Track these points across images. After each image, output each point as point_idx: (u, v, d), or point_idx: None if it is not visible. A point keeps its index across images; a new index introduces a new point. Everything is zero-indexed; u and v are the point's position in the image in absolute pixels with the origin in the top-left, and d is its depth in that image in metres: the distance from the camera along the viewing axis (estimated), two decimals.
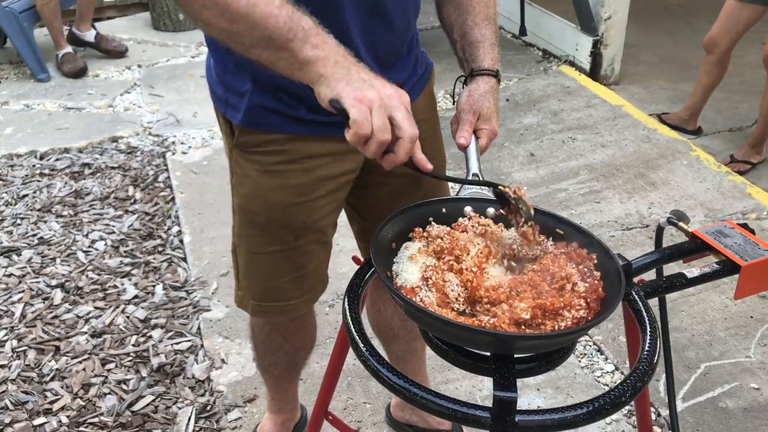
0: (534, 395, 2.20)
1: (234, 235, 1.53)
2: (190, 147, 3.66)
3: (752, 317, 2.50)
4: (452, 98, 3.96)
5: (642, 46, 4.85)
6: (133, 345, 2.41)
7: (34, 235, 2.96)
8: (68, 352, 2.37)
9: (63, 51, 4.53)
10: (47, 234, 2.96)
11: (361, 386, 2.24)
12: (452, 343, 1.06)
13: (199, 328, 2.48)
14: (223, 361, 2.34)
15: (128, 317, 2.52)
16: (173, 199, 3.21)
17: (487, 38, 1.37)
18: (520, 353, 1.03)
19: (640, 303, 1.12)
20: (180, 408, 2.18)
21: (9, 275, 2.73)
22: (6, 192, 3.26)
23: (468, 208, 1.22)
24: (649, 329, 1.08)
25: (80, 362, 2.33)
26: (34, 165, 3.49)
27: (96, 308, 2.57)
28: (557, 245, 1.15)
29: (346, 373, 2.25)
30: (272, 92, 1.30)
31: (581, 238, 1.14)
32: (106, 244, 2.90)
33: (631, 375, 0.99)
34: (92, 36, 4.74)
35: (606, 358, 2.34)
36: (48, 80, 4.42)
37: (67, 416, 2.15)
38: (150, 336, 2.44)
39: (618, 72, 4.45)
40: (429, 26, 4.22)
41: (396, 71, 1.38)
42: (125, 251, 2.86)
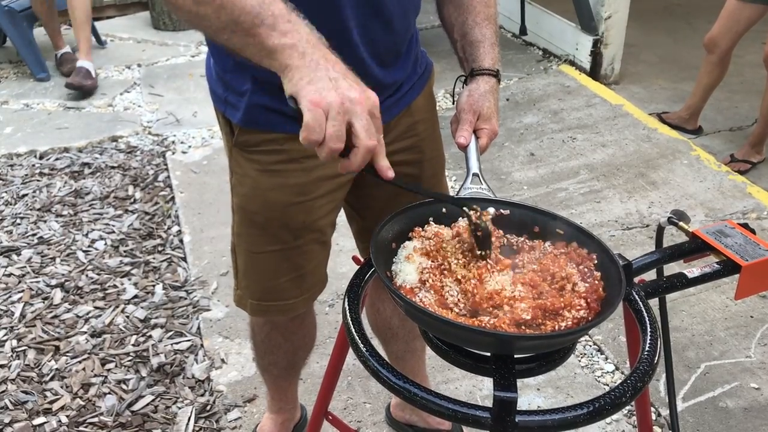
0: (534, 395, 2.20)
1: (233, 235, 1.53)
2: (190, 146, 3.65)
3: (752, 317, 2.49)
4: (452, 98, 3.96)
5: (642, 46, 4.85)
6: (133, 345, 2.40)
7: (34, 235, 2.96)
8: (68, 352, 2.37)
9: (61, 51, 4.52)
10: (47, 234, 2.96)
11: (361, 386, 2.24)
12: (452, 343, 1.06)
13: (199, 328, 2.48)
14: (223, 361, 2.34)
15: (128, 317, 2.52)
16: (173, 199, 3.21)
17: (488, 38, 1.37)
18: (521, 353, 1.03)
19: (641, 303, 1.12)
20: (180, 408, 2.17)
21: (9, 275, 2.72)
22: (6, 191, 3.26)
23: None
24: (650, 329, 1.07)
25: (80, 362, 2.33)
26: (34, 164, 3.49)
27: (96, 308, 2.56)
28: (557, 245, 1.15)
29: (346, 373, 2.25)
30: (272, 91, 1.30)
31: (581, 238, 1.14)
32: (106, 244, 2.90)
33: (632, 375, 0.99)
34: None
35: (606, 358, 2.34)
36: (48, 80, 4.42)
37: (67, 416, 2.15)
38: (150, 336, 2.44)
39: (618, 71, 4.45)
40: (429, 26, 4.22)
41: (395, 70, 1.38)
42: (125, 251, 2.86)
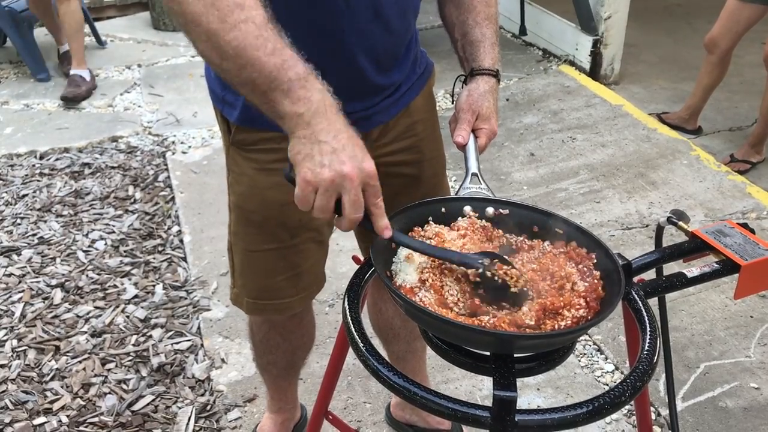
0: (534, 395, 2.20)
1: (230, 233, 1.54)
2: (190, 147, 3.66)
3: (752, 317, 2.49)
4: (452, 98, 3.96)
5: (642, 46, 4.85)
6: (133, 345, 2.41)
7: (34, 235, 2.96)
8: (68, 352, 2.37)
9: (64, 47, 4.48)
10: (47, 234, 2.96)
11: (361, 386, 2.24)
12: (452, 343, 1.06)
13: (199, 328, 2.48)
14: (223, 361, 2.34)
15: (128, 317, 2.52)
16: (173, 199, 3.21)
17: (488, 38, 1.37)
18: (520, 353, 1.03)
19: (640, 302, 1.12)
20: (180, 408, 2.18)
21: (9, 275, 2.73)
22: (6, 192, 3.26)
23: (467, 208, 1.22)
24: (649, 329, 1.07)
25: (80, 362, 2.33)
26: (34, 165, 3.49)
27: (96, 308, 2.57)
28: (556, 244, 1.15)
29: (346, 373, 2.25)
30: None
31: (581, 238, 1.14)
32: (106, 244, 2.90)
33: (631, 374, 0.99)
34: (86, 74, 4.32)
35: (606, 358, 2.34)
36: (48, 80, 4.42)
37: (67, 416, 2.15)
38: (150, 336, 2.44)
39: (618, 72, 4.45)
40: (429, 26, 4.22)
41: (394, 72, 1.38)
42: (125, 251, 2.86)
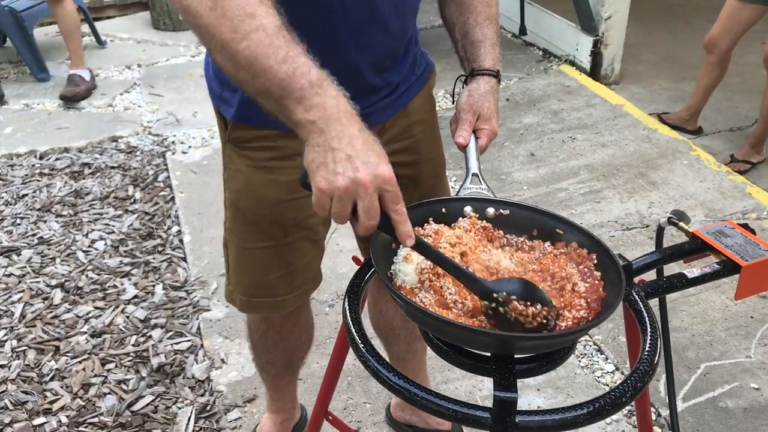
0: (534, 395, 2.20)
1: (225, 230, 1.54)
2: (190, 147, 3.65)
3: (752, 317, 2.49)
4: (452, 98, 3.96)
5: (642, 46, 4.85)
6: (133, 345, 2.40)
7: (34, 235, 2.96)
8: (68, 352, 2.37)
9: (76, 71, 4.25)
10: (47, 234, 2.96)
11: (361, 386, 2.24)
12: (452, 344, 1.06)
13: (199, 328, 2.48)
14: (223, 361, 2.34)
15: (128, 317, 2.52)
16: (173, 199, 3.21)
17: (489, 38, 1.37)
18: (521, 353, 1.03)
19: (641, 303, 1.12)
20: (180, 408, 2.17)
21: (9, 275, 2.72)
22: (6, 192, 3.26)
23: (468, 208, 1.22)
24: (650, 329, 1.07)
25: (80, 362, 2.33)
26: (34, 165, 3.49)
27: (96, 308, 2.56)
28: (557, 245, 1.15)
29: (346, 373, 2.25)
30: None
31: (581, 238, 1.14)
32: (106, 244, 2.90)
33: (632, 375, 0.99)
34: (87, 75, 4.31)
35: (606, 358, 2.33)
36: (48, 80, 4.42)
37: (67, 416, 2.15)
38: (150, 336, 2.44)
39: (618, 71, 4.45)
40: (429, 25, 4.22)
41: (392, 73, 1.38)
42: (125, 251, 2.86)
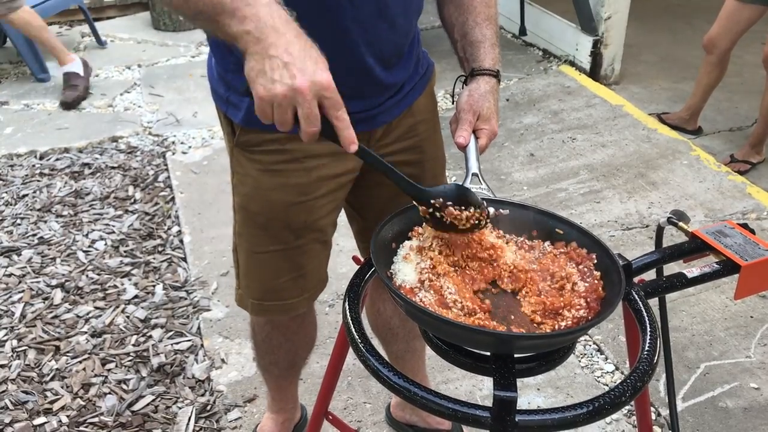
0: (534, 395, 2.20)
1: (235, 234, 1.53)
2: (190, 147, 3.66)
3: (752, 317, 2.50)
4: (452, 98, 3.95)
5: (642, 46, 4.85)
6: (133, 345, 2.41)
7: (34, 235, 2.96)
8: (68, 352, 2.37)
9: (67, 67, 4.15)
10: (47, 234, 2.96)
11: (361, 386, 2.24)
12: (452, 343, 1.06)
13: (199, 328, 2.48)
14: (223, 361, 2.34)
15: (128, 317, 2.52)
16: (173, 199, 3.21)
17: (488, 38, 1.37)
18: (520, 353, 1.03)
19: (640, 303, 1.12)
20: (180, 408, 2.18)
21: (9, 275, 2.73)
22: (6, 192, 3.26)
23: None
24: (649, 329, 1.08)
25: (80, 362, 2.33)
26: (34, 165, 3.49)
27: (96, 308, 2.57)
28: (557, 245, 1.16)
29: (346, 373, 2.25)
30: None
31: (581, 238, 1.14)
32: (106, 244, 2.90)
33: (631, 375, 0.99)
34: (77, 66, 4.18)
35: (606, 358, 2.34)
36: (48, 80, 4.42)
37: (67, 416, 2.15)
38: (150, 336, 2.44)
39: (618, 72, 4.45)
40: (429, 26, 4.22)
41: (397, 71, 1.39)
42: (125, 251, 2.86)
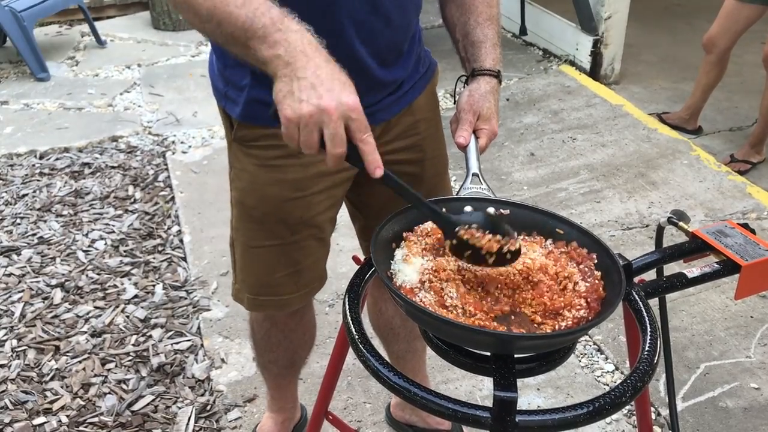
0: (534, 395, 2.20)
1: (232, 229, 1.54)
2: (190, 146, 3.66)
3: (752, 317, 2.49)
4: (453, 98, 3.95)
5: (642, 46, 4.85)
6: (133, 345, 2.40)
7: (34, 235, 2.96)
8: (68, 352, 2.37)
9: None
10: (47, 233, 2.96)
11: (361, 386, 2.24)
12: (452, 343, 1.06)
13: (199, 328, 2.48)
14: (223, 361, 2.34)
15: (128, 317, 2.52)
16: (173, 199, 3.21)
17: (489, 38, 1.37)
18: (521, 353, 1.03)
19: (641, 303, 1.12)
20: (180, 408, 2.17)
21: (9, 275, 2.72)
22: (6, 191, 3.26)
23: (468, 208, 1.22)
24: (650, 329, 1.07)
25: (80, 362, 2.33)
26: (34, 164, 3.49)
27: (96, 308, 2.56)
28: (557, 244, 1.15)
29: (346, 373, 2.25)
30: (270, 86, 1.30)
31: (582, 238, 1.14)
32: (106, 244, 2.90)
33: (632, 375, 0.99)
34: None
35: (606, 358, 2.34)
36: (48, 79, 4.42)
37: (67, 416, 2.15)
38: (150, 336, 2.44)
39: (618, 71, 4.45)
40: (429, 25, 4.22)
41: (397, 69, 1.39)
42: (125, 251, 2.86)
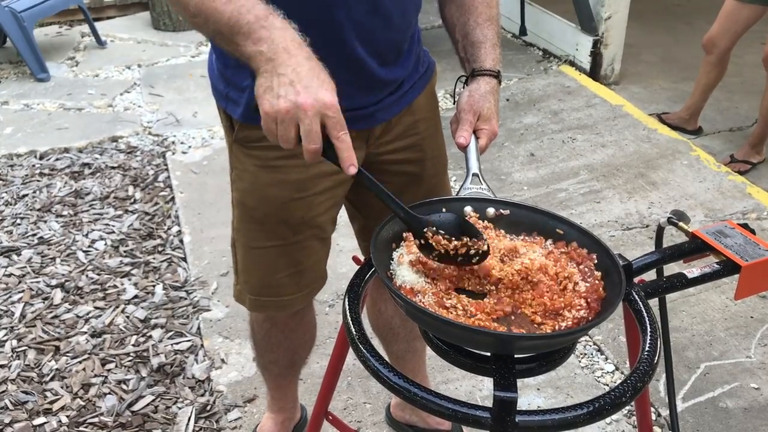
0: (534, 395, 2.20)
1: (233, 230, 1.54)
2: (190, 147, 3.66)
3: (752, 317, 2.49)
4: (453, 98, 3.95)
5: (642, 46, 4.85)
6: (133, 345, 2.40)
7: (34, 235, 2.96)
8: (68, 352, 2.37)
9: None
10: (47, 234, 2.96)
11: (361, 386, 2.24)
12: (452, 344, 1.06)
13: (199, 328, 2.48)
14: (223, 361, 2.34)
15: (128, 317, 2.52)
16: (173, 199, 3.21)
17: (489, 39, 1.37)
18: (521, 353, 1.03)
19: (641, 303, 1.12)
20: (180, 408, 2.17)
21: (9, 275, 2.72)
22: (6, 192, 3.26)
23: (468, 208, 1.22)
24: (650, 329, 1.07)
25: (80, 362, 2.33)
26: (34, 165, 3.49)
27: (96, 308, 2.56)
28: (557, 245, 1.15)
29: (346, 373, 2.25)
30: None
31: (582, 238, 1.14)
32: (106, 244, 2.90)
33: (632, 375, 0.99)
34: None
35: (606, 358, 2.34)
36: (48, 80, 4.42)
37: (67, 416, 2.15)
38: (150, 336, 2.44)
39: (618, 72, 4.45)
40: (429, 26, 4.22)
41: (396, 69, 1.39)
42: (125, 251, 2.86)
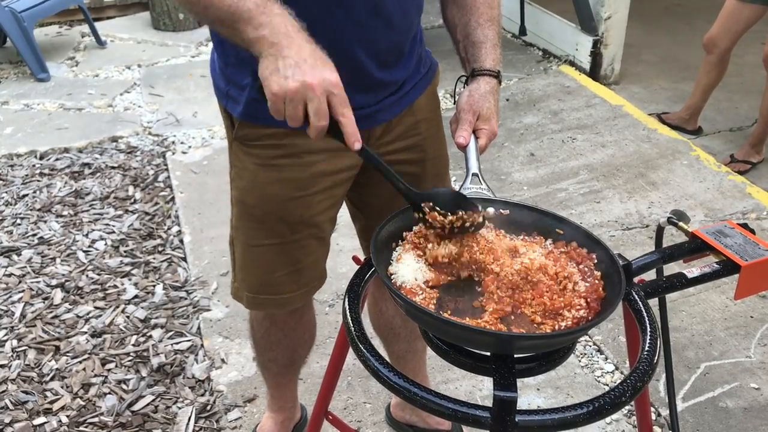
0: (534, 395, 2.20)
1: (232, 228, 1.54)
2: (190, 147, 3.66)
3: (752, 317, 2.50)
4: (453, 98, 3.95)
5: (642, 46, 4.85)
6: (133, 345, 2.41)
7: (34, 235, 2.96)
8: (68, 352, 2.37)
9: None
10: (47, 234, 2.96)
11: (361, 386, 2.24)
12: (452, 343, 1.06)
13: (199, 328, 2.48)
14: (223, 361, 2.34)
15: (128, 317, 2.52)
16: (173, 199, 3.21)
17: (490, 39, 1.37)
18: (520, 353, 1.03)
19: (640, 303, 1.12)
20: (180, 408, 2.18)
21: (9, 275, 2.72)
22: (6, 192, 3.26)
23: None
24: (649, 329, 1.08)
25: (80, 362, 2.33)
26: (34, 165, 3.49)
27: (96, 308, 2.57)
28: (557, 244, 1.16)
29: (346, 373, 2.25)
30: None
31: (581, 238, 1.14)
32: (106, 244, 2.90)
33: (631, 375, 0.99)
34: None
35: (606, 358, 2.34)
36: (48, 80, 4.42)
37: (67, 416, 2.15)
38: (150, 336, 2.44)
39: (618, 72, 4.45)
40: (429, 26, 4.22)
41: (398, 70, 1.39)
42: (125, 251, 2.86)
